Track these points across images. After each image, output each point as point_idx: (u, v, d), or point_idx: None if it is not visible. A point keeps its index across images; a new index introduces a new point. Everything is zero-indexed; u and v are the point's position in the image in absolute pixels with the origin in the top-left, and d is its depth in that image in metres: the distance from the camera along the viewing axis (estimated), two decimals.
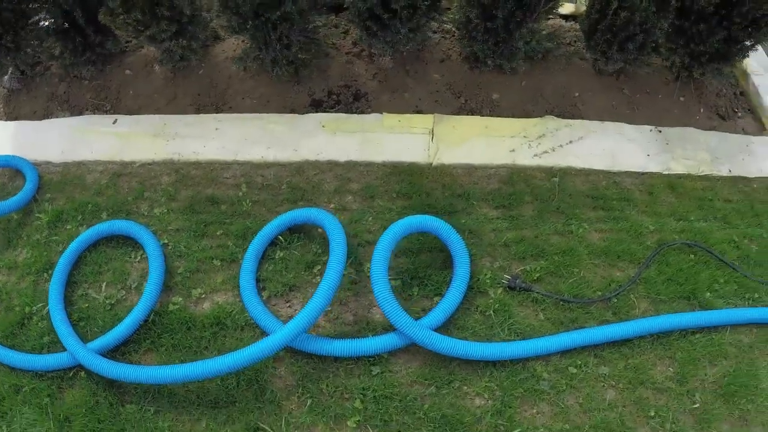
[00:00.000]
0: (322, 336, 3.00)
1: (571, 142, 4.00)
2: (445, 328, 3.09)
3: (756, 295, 3.42)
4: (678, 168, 4.02)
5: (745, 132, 4.41)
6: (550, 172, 3.87)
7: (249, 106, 4.19)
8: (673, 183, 3.98)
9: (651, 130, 4.15)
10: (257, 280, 3.28)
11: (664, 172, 4.00)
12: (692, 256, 3.59)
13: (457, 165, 3.85)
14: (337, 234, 3.05)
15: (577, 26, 4.43)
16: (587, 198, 3.81)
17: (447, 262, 3.33)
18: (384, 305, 2.85)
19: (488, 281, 3.29)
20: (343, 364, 3.02)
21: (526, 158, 3.88)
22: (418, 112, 4.16)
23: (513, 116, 4.15)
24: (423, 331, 2.84)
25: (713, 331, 3.23)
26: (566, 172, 3.88)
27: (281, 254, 3.42)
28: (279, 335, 2.72)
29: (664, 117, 4.27)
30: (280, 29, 3.83)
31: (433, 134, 3.93)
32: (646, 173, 3.98)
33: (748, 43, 3.99)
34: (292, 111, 4.13)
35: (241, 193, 3.71)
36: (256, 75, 4.28)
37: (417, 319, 2.94)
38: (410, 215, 3.24)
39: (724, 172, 4.10)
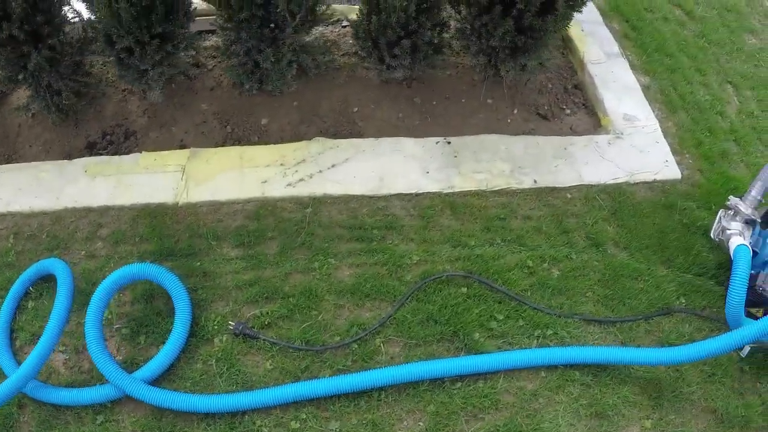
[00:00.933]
0: (53, 384, 2.88)
1: (333, 166, 3.41)
2: (167, 378, 2.86)
3: (549, 331, 3.01)
4: (464, 184, 3.34)
5: (574, 131, 3.68)
6: (304, 202, 3.29)
7: (34, 154, 3.92)
8: (455, 203, 3.39)
9: (438, 143, 3.49)
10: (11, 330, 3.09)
11: (444, 191, 3.35)
12: (465, 289, 3.12)
13: (203, 203, 3.38)
14: (63, 283, 2.94)
15: None
16: (342, 229, 3.31)
17: None
18: (94, 358, 2.76)
19: (215, 328, 2.98)
20: (75, 412, 2.82)
21: (278, 189, 3.34)
22: (183, 146, 3.69)
23: (283, 141, 3.60)
24: (133, 383, 2.73)
25: (484, 377, 2.84)
26: (322, 201, 3.34)
27: (32, 304, 3.21)
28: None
29: (465, 125, 3.61)
30: (47, 78, 3.60)
31: (184, 171, 3.47)
32: (422, 194, 3.35)
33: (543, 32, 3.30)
34: (69, 156, 3.83)
35: (9, 245, 3.51)
36: (42, 121, 4.00)
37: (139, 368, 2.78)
38: (134, 263, 3.06)
39: (527, 184, 3.39)
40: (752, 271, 3.01)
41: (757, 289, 2.92)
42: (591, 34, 4.13)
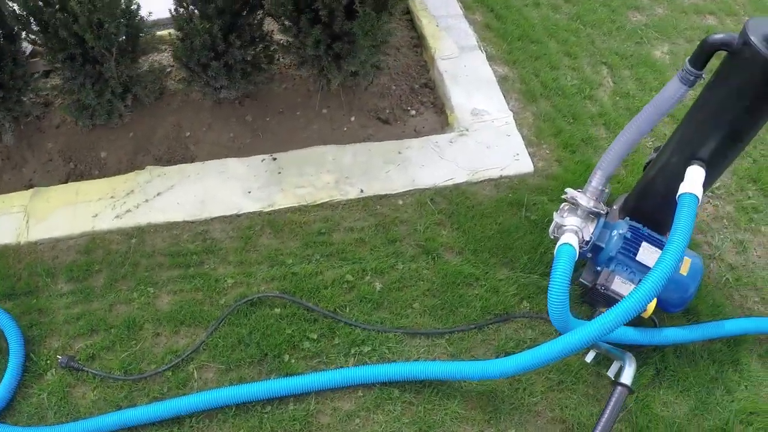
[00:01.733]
0: None
1: (159, 194, 3.29)
2: (7, 414, 2.79)
3: (366, 348, 2.87)
4: (286, 201, 3.18)
5: (418, 132, 3.49)
6: (129, 233, 3.28)
7: None
8: (276, 221, 3.24)
9: (264, 160, 3.33)
10: None
11: (265, 210, 3.18)
12: (279, 309, 2.97)
13: (42, 240, 3.35)
14: None
15: None
16: (164, 257, 3.19)
17: None
18: None
19: (47, 363, 2.93)
20: None
21: (107, 222, 3.27)
22: (30, 186, 3.66)
23: (120, 173, 3.51)
24: None
25: (295, 399, 2.73)
26: (146, 231, 3.26)
27: None
28: None
29: (297, 138, 3.44)
30: None
31: (26, 211, 3.44)
32: (242, 215, 3.20)
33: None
34: None
35: None
36: None
37: None
38: None
39: (353, 195, 3.20)
40: (597, 268, 2.83)
41: (599, 289, 2.70)
42: (448, 29, 3.91)
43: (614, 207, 3.20)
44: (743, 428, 2.88)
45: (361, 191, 3.19)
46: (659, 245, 2.74)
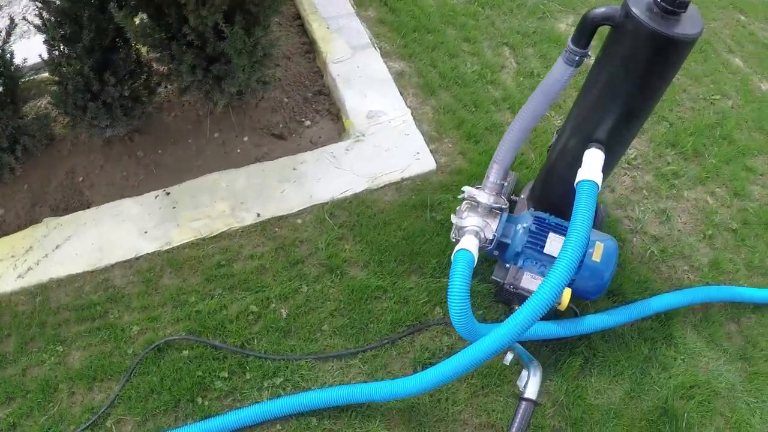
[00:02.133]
0: None
1: (58, 246, 3.17)
2: None
3: (279, 379, 2.79)
4: (182, 237, 3.06)
5: (314, 144, 3.38)
6: (33, 292, 3.15)
7: None
8: (175, 259, 3.12)
9: (157, 197, 3.21)
10: None
11: (163, 249, 3.06)
12: (187, 351, 2.86)
13: None
14: None
15: None
16: (69, 312, 3.06)
17: None
18: None
19: None
20: None
21: (10, 283, 3.16)
22: None
23: (20, 229, 3.37)
24: None
25: None
26: (49, 287, 3.16)
27: None
28: None
29: (190, 168, 3.32)
30: None
31: None
32: (141, 257, 3.07)
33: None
34: None
35: None
36: None
37: None
38: None
39: (250, 220, 3.08)
40: (506, 265, 2.74)
41: (507, 288, 2.63)
42: (339, 30, 3.79)
43: (522, 196, 3.10)
44: (684, 403, 2.87)
45: (258, 215, 3.08)
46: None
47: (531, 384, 2.38)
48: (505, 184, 2.67)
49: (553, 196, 2.91)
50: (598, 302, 3.03)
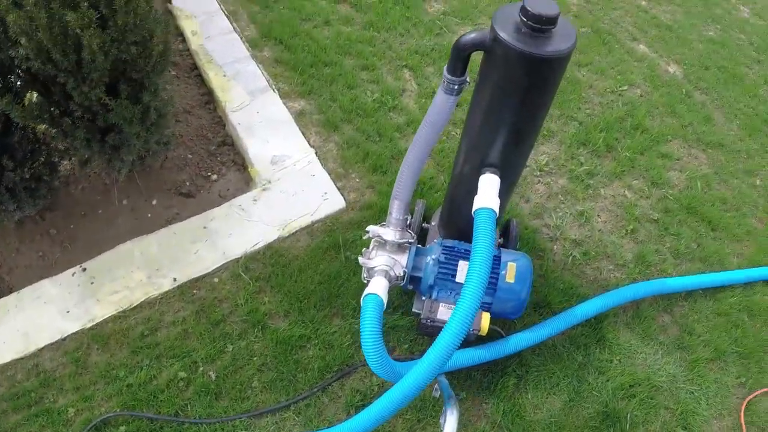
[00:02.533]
0: None
1: None
2: None
3: None
4: (104, 311, 3.11)
5: (223, 197, 3.43)
6: None
7: None
8: (100, 335, 3.12)
9: (74, 274, 3.21)
10: None
11: (87, 326, 3.10)
12: (123, 427, 2.86)
13: None
14: None
15: None
16: (7, 402, 3.01)
17: None
18: None
19: None
20: None
21: None
22: None
23: None
24: None
25: None
26: None
27: None
28: None
29: (104, 239, 3.33)
30: None
31: None
32: (67, 337, 3.10)
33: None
34: None
35: None
36: None
37: None
38: None
39: (167, 286, 3.13)
40: (423, 297, 2.78)
41: (425, 321, 2.67)
42: (236, 76, 3.81)
43: (432, 223, 3.19)
44: (626, 403, 2.97)
45: (175, 280, 3.13)
46: None
47: (448, 424, 2.45)
48: (409, 217, 2.73)
49: (459, 222, 2.93)
50: (526, 317, 3.13)
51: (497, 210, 2.31)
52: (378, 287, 2.48)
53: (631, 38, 5.11)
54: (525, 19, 2.02)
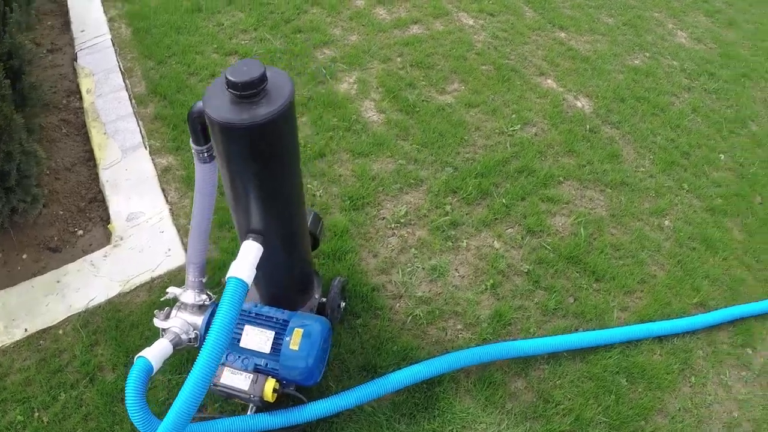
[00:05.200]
0: None
1: None
2: None
3: None
4: None
5: (85, 251, 3.85)
6: None
7: None
8: None
9: None
10: None
11: None
12: None
13: None
14: None
15: None
16: None
17: None
18: None
19: None
20: None
21: None
22: None
23: None
24: None
25: None
26: None
27: None
28: None
29: None
30: None
31: None
32: None
33: None
34: None
35: None
36: None
37: None
38: None
39: (19, 335, 3.57)
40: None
41: (215, 387, 2.74)
42: (116, 133, 4.21)
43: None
44: None
45: (26, 330, 3.52)
46: (268, 323, 2.85)
47: None
48: (204, 279, 2.98)
49: (260, 285, 3.05)
50: (351, 379, 3.07)
51: (248, 279, 2.42)
52: (153, 350, 2.62)
53: (538, 73, 5.14)
54: (228, 87, 2.03)
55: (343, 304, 3.24)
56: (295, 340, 2.72)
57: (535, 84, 5.00)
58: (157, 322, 2.91)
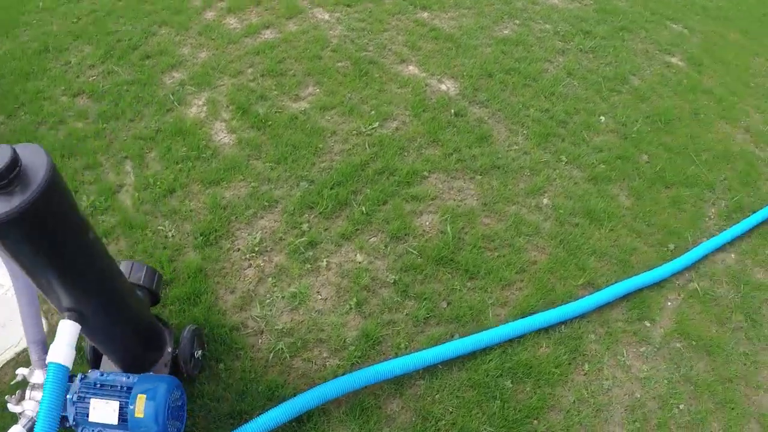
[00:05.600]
0: None
1: None
2: None
3: None
4: None
5: None
6: None
7: None
8: None
9: None
10: None
11: None
12: None
13: None
14: None
15: None
16: None
17: None
18: None
19: None
20: None
21: None
22: None
23: None
24: None
25: None
26: None
27: None
28: None
29: None
30: None
31: None
32: None
33: None
34: None
35: None
36: None
37: None
38: None
39: None
40: None
41: None
42: None
43: None
44: None
45: None
46: (112, 393, 2.77)
47: None
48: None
49: (106, 354, 2.97)
50: (220, 429, 2.92)
51: (67, 360, 2.38)
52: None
53: (398, 61, 5.01)
54: None
55: (200, 352, 3.10)
56: (139, 408, 2.66)
57: (395, 73, 4.85)
58: (11, 407, 2.76)
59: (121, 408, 2.76)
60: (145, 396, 2.63)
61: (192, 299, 3.36)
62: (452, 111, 4.52)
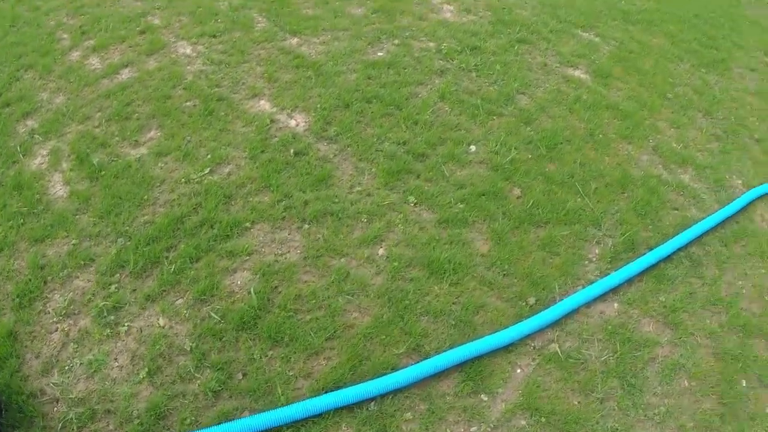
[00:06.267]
0: None
1: None
2: None
3: None
4: None
5: None
6: None
7: None
8: None
9: None
10: None
11: None
12: None
13: None
14: None
15: None
16: None
17: None
18: None
19: None
20: None
21: None
22: None
23: None
24: None
25: None
26: None
27: None
28: None
29: None
30: None
31: None
32: None
33: None
34: None
35: None
36: None
37: None
38: None
39: None
40: None
41: None
42: None
43: None
44: None
45: None
46: None
47: None
48: None
49: None
50: None
51: None
52: None
53: (250, 96, 4.70)
54: None
55: None
56: None
57: (243, 110, 4.54)
58: None
59: None
60: None
61: None
62: (291, 151, 4.17)
